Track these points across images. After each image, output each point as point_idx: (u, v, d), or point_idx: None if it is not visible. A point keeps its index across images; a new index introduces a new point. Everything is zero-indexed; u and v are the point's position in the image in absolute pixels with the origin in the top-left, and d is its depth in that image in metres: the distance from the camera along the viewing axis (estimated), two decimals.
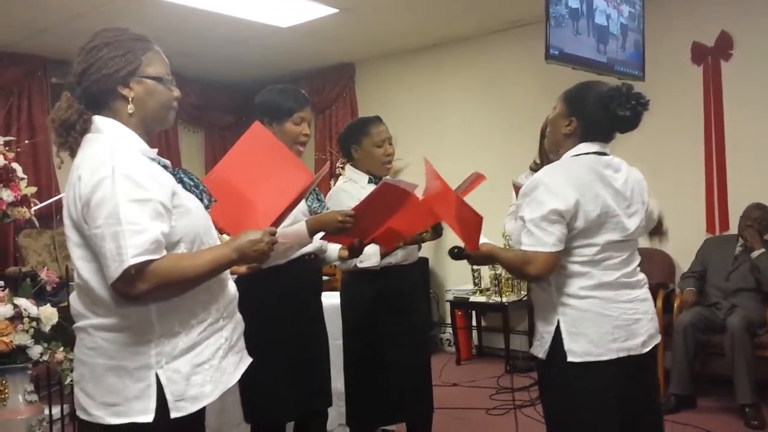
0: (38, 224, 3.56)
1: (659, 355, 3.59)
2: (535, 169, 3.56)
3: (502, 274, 5.17)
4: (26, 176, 3.23)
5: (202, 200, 1.67)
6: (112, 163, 1.47)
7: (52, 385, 2.99)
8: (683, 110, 4.63)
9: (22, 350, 2.72)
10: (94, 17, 4.62)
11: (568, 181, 1.95)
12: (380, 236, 2.44)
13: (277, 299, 2.42)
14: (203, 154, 7.13)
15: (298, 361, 2.45)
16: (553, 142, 2.15)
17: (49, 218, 5.15)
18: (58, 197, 4.72)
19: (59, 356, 2.78)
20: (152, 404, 1.51)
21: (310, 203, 2.55)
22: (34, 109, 5.75)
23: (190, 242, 1.58)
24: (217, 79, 6.85)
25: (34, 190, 3.21)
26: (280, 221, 1.82)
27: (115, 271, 1.43)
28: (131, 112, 1.60)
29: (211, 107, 7.01)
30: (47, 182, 5.62)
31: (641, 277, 2.10)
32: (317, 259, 2.61)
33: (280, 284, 2.42)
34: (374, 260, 2.71)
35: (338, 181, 3.08)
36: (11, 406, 2.71)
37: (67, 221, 1.56)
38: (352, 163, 2.89)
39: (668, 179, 4.52)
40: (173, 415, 1.53)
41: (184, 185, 1.64)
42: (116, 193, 1.44)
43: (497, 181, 3.05)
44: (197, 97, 6.77)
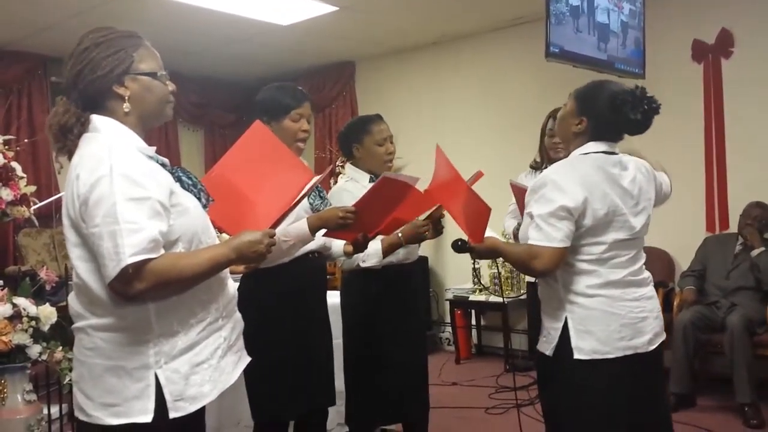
0: (38, 223, 3.56)
1: None
2: (535, 167, 3.56)
3: (502, 272, 5.16)
4: (26, 175, 3.24)
5: (200, 199, 1.66)
6: (109, 161, 1.46)
7: (50, 384, 2.98)
8: (683, 108, 4.62)
9: (21, 349, 2.71)
10: (94, 15, 4.60)
11: (576, 179, 1.96)
12: (384, 229, 2.45)
13: (281, 298, 2.42)
14: (203, 153, 7.11)
15: (300, 359, 2.44)
16: (562, 138, 2.21)
17: (48, 217, 5.15)
18: (57, 196, 4.72)
19: (58, 356, 2.78)
20: (151, 404, 1.51)
21: (312, 200, 2.55)
22: (34, 107, 5.74)
23: (188, 241, 1.57)
24: (217, 77, 6.84)
25: (33, 189, 3.21)
26: (280, 222, 1.81)
27: (112, 270, 1.42)
28: (127, 110, 1.59)
29: (211, 106, 6.98)
30: (47, 181, 5.59)
31: (647, 275, 2.11)
32: (321, 256, 2.61)
33: (284, 282, 2.41)
34: (376, 260, 2.71)
35: (339, 180, 3.07)
36: (10, 405, 2.70)
37: (65, 221, 1.56)
38: (352, 161, 2.88)
39: None
40: (172, 415, 1.53)
41: (182, 184, 1.63)
42: (114, 191, 1.44)
43: (497, 179, 3.04)
44: (197, 95, 6.75)
